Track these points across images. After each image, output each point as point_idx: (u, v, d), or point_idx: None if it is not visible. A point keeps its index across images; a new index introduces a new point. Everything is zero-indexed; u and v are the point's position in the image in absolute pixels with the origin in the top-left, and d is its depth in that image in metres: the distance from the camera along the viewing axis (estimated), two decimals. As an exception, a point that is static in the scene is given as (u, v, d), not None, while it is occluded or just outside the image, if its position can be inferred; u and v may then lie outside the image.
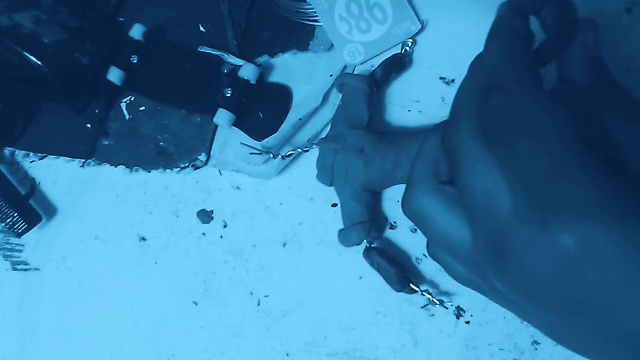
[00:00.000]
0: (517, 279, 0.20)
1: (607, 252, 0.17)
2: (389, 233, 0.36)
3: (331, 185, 0.35)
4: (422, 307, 0.35)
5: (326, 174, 0.35)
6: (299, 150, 0.36)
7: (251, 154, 0.37)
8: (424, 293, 0.33)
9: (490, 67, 0.22)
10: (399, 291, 0.33)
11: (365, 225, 0.34)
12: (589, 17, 0.25)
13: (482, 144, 0.21)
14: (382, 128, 0.36)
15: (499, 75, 0.22)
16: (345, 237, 0.34)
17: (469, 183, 0.22)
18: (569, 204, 0.18)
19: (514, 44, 0.22)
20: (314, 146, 0.36)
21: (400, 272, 0.33)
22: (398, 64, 0.36)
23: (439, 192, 0.24)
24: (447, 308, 0.34)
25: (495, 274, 0.21)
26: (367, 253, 0.34)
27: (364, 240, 0.34)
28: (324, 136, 0.36)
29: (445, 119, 0.25)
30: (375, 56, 0.37)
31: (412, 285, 0.33)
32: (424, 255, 0.36)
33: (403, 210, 0.26)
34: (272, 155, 0.36)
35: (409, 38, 0.37)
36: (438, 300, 0.33)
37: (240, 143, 0.37)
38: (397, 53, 0.37)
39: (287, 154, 0.36)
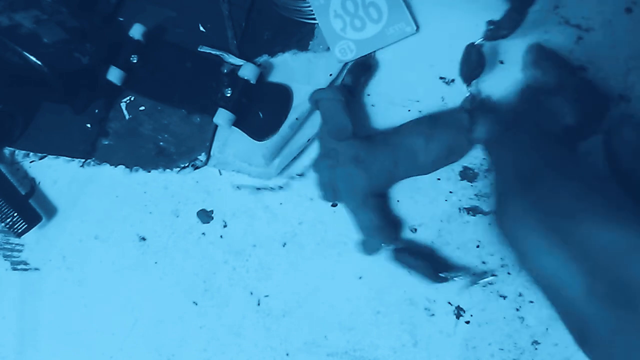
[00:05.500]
0: (599, 354, 0.21)
1: None
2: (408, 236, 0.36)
3: (336, 203, 0.36)
4: (483, 286, 0.34)
5: (329, 191, 0.35)
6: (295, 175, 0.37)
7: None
8: (455, 278, 0.33)
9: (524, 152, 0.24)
10: (440, 282, 0.33)
11: (384, 229, 0.34)
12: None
13: (535, 222, 0.21)
14: (367, 131, 0.36)
15: (531, 164, 0.23)
16: (369, 247, 0.34)
17: (531, 267, 0.22)
18: None
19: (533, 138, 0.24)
20: (311, 169, 0.36)
21: (431, 265, 0.33)
22: (364, 68, 0.36)
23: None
24: (496, 275, 0.34)
25: (580, 346, 0.21)
26: (397, 255, 0.34)
27: (386, 245, 0.34)
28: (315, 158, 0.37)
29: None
30: (368, 54, 0.37)
31: (444, 274, 0.33)
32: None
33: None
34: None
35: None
36: (492, 274, 0.33)
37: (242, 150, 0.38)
38: (361, 57, 0.37)
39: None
